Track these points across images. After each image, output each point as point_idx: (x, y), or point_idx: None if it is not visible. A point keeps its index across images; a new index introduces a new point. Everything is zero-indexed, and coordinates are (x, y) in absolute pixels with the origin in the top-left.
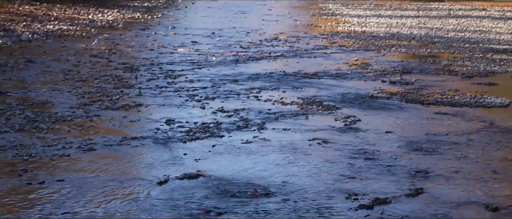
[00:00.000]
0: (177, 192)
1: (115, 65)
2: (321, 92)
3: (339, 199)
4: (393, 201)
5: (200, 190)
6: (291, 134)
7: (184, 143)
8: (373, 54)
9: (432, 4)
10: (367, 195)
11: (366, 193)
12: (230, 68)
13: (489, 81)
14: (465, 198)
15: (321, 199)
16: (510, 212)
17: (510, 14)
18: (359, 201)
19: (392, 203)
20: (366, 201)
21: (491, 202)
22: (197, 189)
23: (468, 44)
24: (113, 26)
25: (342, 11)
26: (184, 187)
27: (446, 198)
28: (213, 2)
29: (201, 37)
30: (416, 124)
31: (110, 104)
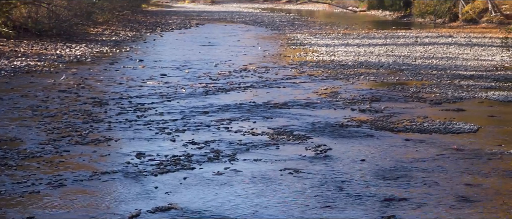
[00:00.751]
0: None
1: (84, 100)
2: (291, 122)
3: None
4: None
5: None
6: (262, 164)
7: (155, 176)
8: (342, 83)
9: (399, 32)
10: None
11: None
12: (200, 100)
13: (457, 107)
14: None
15: None
16: None
17: (476, 40)
18: None
19: None
20: None
21: None
22: None
23: (436, 71)
24: (81, 60)
25: (310, 40)
26: None
27: None
28: (181, 34)
29: (170, 69)
30: (387, 151)
31: (79, 139)
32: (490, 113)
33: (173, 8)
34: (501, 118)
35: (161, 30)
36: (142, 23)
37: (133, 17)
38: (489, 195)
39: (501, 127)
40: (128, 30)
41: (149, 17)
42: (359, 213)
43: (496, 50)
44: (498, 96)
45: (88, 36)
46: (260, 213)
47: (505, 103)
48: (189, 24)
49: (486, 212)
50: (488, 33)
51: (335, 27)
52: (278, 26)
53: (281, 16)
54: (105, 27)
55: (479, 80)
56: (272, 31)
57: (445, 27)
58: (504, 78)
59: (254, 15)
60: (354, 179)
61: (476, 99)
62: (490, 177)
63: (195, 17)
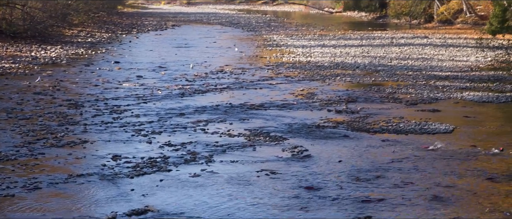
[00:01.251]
0: None
1: (59, 102)
2: (268, 123)
3: None
4: None
5: None
6: (239, 166)
7: (131, 179)
8: (318, 84)
9: (375, 33)
10: None
11: None
12: (176, 102)
13: (432, 108)
14: None
15: None
16: None
17: (451, 41)
18: None
19: None
20: None
21: None
22: None
23: (411, 72)
24: (57, 62)
25: (286, 42)
26: None
27: None
28: (157, 36)
29: (146, 71)
30: (363, 152)
31: (55, 142)
32: (465, 114)
33: (148, 9)
34: (476, 118)
35: (137, 32)
36: (117, 25)
37: (109, 18)
38: (465, 195)
39: (476, 127)
40: (103, 31)
41: (124, 18)
42: (336, 214)
43: (471, 51)
44: (473, 97)
45: (63, 38)
46: (237, 215)
47: (480, 104)
48: (165, 25)
49: (461, 212)
50: (463, 34)
51: (311, 28)
52: (255, 28)
53: (257, 17)
54: (81, 28)
55: (454, 81)
56: (249, 33)
57: (421, 28)
58: (479, 79)
59: (230, 16)
60: (331, 180)
61: (452, 100)
62: (465, 177)
63: (171, 18)
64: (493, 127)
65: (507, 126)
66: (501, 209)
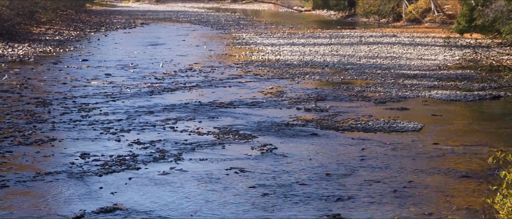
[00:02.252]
0: None
1: (27, 100)
2: (237, 122)
3: None
4: None
5: None
6: (208, 163)
7: (100, 177)
8: (287, 82)
9: (344, 31)
10: None
11: None
12: (145, 100)
13: (401, 106)
14: None
15: None
16: None
17: (419, 40)
18: None
19: None
20: None
21: None
22: None
23: (380, 70)
24: (24, 60)
25: (256, 40)
26: None
27: None
28: (126, 34)
29: (115, 69)
30: (332, 150)
31: (22, 139)
32: (434, 112)
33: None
34: (444, 116)
35: (106, 30)
36: (86, 23)
37: (77, 16)
38: (432, 193)
39: (444, 125)
40: (72, 29)
41: (93, 16)
42: (306, 212)
43: (439, 49)
44: (441, 96)
45: (31, 36)
46: (206, 213)
47: (448, 102)
48: (134, 23)
49: (429, 210)
50: (431, 32)
51: (280, 26)
52: (224, 26)
53: (226, 15)
54: (49, 26)
55: (422, 80)
56: (218, 31)
57: (389, 26)
58: (447, 78)
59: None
60: (300, 178)
61: (420, 99)
62: (433, 175)
63: (139, 16)
64: (461, 125)
65: (474, 124)
66: (468, 207)
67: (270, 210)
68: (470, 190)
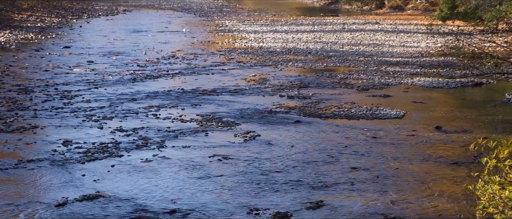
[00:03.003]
0: (77, 214)
1: (8, 87)
2: (220, 109)
3: (240, 215)
4: (295, 214)
5: (99, 211)
6: (191, 151)
7: (82, 164)
8: (270, 70)
9: (326, 18)
10: (268, 210)
11: (267, 208)
12: (128, 87)
13: (384, 93)
14: (363, 210)
15: (221, 216)
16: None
17: (402, 27)
18: (260, 216)
19: (294, 216)
20: (267, 215)
21: (389, 212)
22: (96, 210)
23: (363, 58)
24: (5, 47)
25: (238, 27)
26: (83, 208)
27: (345, 210)
28: (108, 21)
29: (97, 56)
30: (315, 137)
31: (4, 127)
32: (416, 99)
33: None
34: (426, 104)
35: (88, 17)
36: (68, 10)
37: (59, 3)
38: (414, 179)
39: (426, 112)
40: (53, 16)
41: (75, 3)
42: (288, 199)
43: (421, 36)
44: (424, 83)
45: (12, 23)
46: (188, 200)
47: (430, 89)
48: (116, 10)
49: (410, 196)
50: (413, 20)
51: (263, 13)
52: (207, 13)
53: (209, 2)
54: (30, 13)
55: (405, 67)
56: (201, 18)
57: (372, 14)
58: (429, 65)
59: (182, 1)
60: (283, 165)
61: (402, 86)
62: (415, 162)
63: (122, 3)
64: (443, 112)
65: (457, 111)
66: (450, 193)
67: (253, 197)
68: (452, 177)
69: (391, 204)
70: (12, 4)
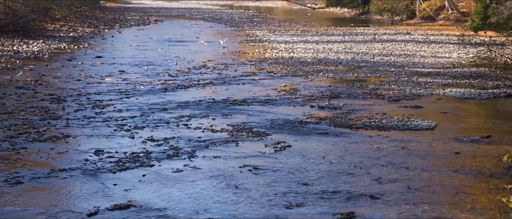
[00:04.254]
0: None
1: (41, 97)
2: (251, 119)
3: None
4: None
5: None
6: (221, 161)
7: (113, 173)
8: (301, 80)
9: (357, 29)
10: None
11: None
12: (159, 97)
13: (415, 104)
14: None
15: None
16: None
17: (433, 37)
18: None
19: None
20: None
21: None
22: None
23: (394, 68)
24: (39, 57)
25: (269, 37)
26: (114, 218)
27: None
28: (140, 31)
29: (128, 66)
30: (346, 148)
31: (37, 136)
32: (448, 110)
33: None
34: (458, 115)
35: (120, 27)
36: (100, 20)
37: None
38: (447, 191)
39: (458, 124)
40: (86, 26)
41: (107, 13)
42: (319, 211)
43: (453, 47)
44: (455, 94)
45: (46, 32)
46: (219, 211)
47: (462, 100)
48: (148, 20)
49: (444, 210)
50: (445, 30)
51: (294, 24)
52: (237, 23)
53: (240, 12)
54: (63, 23)
55: (436, 77)
56: (231, 28)
57: (403, 24)
58: (461, 75)
59: (213, 11)
60: (314, 176)
61: (434, 96)
62: (447, 174)
63: (153, 13)
64: (475, 123)
65: (488, 122)
66: (483, 206)
67: (283, 208)
68: (485, 189)
69: (423, 216)
70: (45, 14)
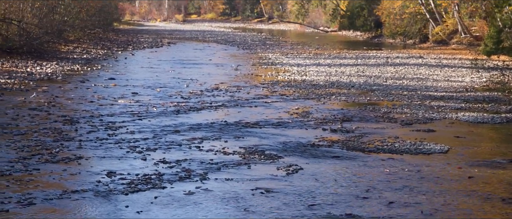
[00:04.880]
0: None
1: (54, 118)
2: (263, 142)
3: None
4: None
5: None
6: (233, 184)
7: (125, 195)
8: (313, 103)
9: (370, 52)
10: None
11: None
12: (171, 119)
13: (428, 128)
14: None
15: None
16: None
17: (446, 61)
18: None
19: None
20: None
21: None
22: None
23: (407, 92)
24: (52, 78)
25: (282, 60)
26: None
27: None
28: (153, 53)
29: (141, 88)
30: (358, 171)
31: (49, 157)
32: (461, 134)
33: (144, 26)
34: (471, 139)
35: (133, 49)
36: (113, 42)
37: (105, 35)
38: (461, 216)
39: (471, 148)
40: (99, 48)
41: (120, 35)
42: None
43: (466, 71)
44: (468, 118)
45: (59, 54)
46: None
47: (475, 125)
48: (161, 43)
49: None
50: (458, 54)
51: (306, 47)
52: (250, 46)
53: (252, 35)
54: (76, 45)
55: (449, 101)
56: (244, 51)
57: (416, 48)
58: (474, 100)
59: (225, 34)
60: (326, 198)
61: (447, 120)
62: (461, 198)
63: (166, 36)
64: (488, 148)
65: (502, 146)
66: None
67: None
68: (500, 213)
69: None
70: (59, 35)
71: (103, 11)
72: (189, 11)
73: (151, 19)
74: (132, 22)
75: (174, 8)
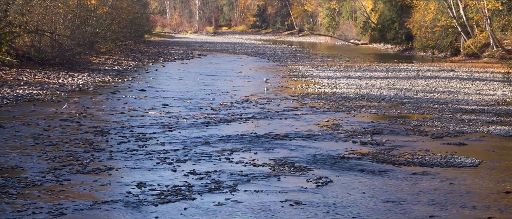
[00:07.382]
0: None
1: (85, 129)
2: (293, 154)
3: None
4: None
5: None
6: (263, 195)
7: (155, 206)
8: (343, 115)
9: (400, 65)
10: None
11: None
12: (201, 131)
13: (458, 141)
14: None
15: None
16: None
17: (478, 75)
18: None
19: None
20: None
21: None
22: None
23: (437, 105)
24: (84, 90)
25: (312, 72)
26: None
27: None
28: (183, 65)
29: (171, 99)
30: (388, 184)
31: (80, 168)
32: (492, 148)
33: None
34: (502, 152)
35: (163, 60)
36: (144, 53)
37: (136, 47)
38: None
39: (502, 161)
40: (130, 60)
41: (151, 47)
42: None
43: (497, 85)
44: (500, 131)
45: (91, 66)
46: None
47: (507, 138)
48: (191, 54)
49: None
50: (489, 67)
51: (337, 59)
52: (280, 58)
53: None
54: (108, 56)
55: (480, 115)
56: (274, 63)
57: (447, 61)
58: (506, 113)
59: (256, 46)
60: (356, 211)
61: (478, 134)
62: (493, 212)
63: (197, 47)
64: None
65: None
66: None
67: None
68: None
69: None
70: (91, 47)
71: (134, 23)
72: (220, 23)
73: (182, 31)
74: (163, 34)
75: (205, 20)
